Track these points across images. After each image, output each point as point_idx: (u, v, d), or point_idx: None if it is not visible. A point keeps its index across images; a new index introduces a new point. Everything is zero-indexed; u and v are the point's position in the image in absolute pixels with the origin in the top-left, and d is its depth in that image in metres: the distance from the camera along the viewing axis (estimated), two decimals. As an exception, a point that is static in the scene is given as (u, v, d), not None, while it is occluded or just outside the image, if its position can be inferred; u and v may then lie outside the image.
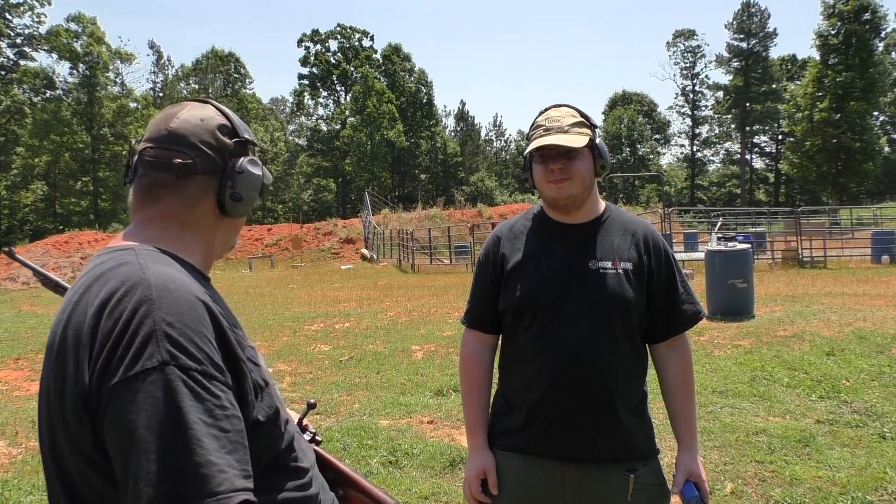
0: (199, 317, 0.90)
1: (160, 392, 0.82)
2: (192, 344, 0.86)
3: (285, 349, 8.03)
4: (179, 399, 0.82)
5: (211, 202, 1.07)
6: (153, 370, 0.83)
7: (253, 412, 0.95)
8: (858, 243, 19.87)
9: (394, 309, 11.17)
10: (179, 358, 0.84)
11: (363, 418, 5.03)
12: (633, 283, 1.63)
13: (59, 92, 48.47)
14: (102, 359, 0.85)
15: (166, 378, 0.82)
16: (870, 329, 7.14)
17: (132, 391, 0.82)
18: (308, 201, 59.77)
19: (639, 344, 1.67)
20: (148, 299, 0.88)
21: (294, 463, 1.05)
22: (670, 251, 1.73)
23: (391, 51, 61.69)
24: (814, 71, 43.70)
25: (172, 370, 0.83)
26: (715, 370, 5.86)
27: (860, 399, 4.87)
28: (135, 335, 0.85)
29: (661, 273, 1.68)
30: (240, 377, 0.93)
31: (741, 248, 9.35)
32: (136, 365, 0.83)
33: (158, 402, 0.81)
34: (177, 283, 0.92)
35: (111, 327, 0.87)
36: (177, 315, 0.87)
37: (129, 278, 0.91)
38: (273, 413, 0.99)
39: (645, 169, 60.10)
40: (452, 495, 3.57)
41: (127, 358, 0.84)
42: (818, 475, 3.60)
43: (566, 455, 1.60)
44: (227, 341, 0.93)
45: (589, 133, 1.64)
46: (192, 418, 0.81)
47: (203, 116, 1.07)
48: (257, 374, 0.99)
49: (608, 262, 1.63)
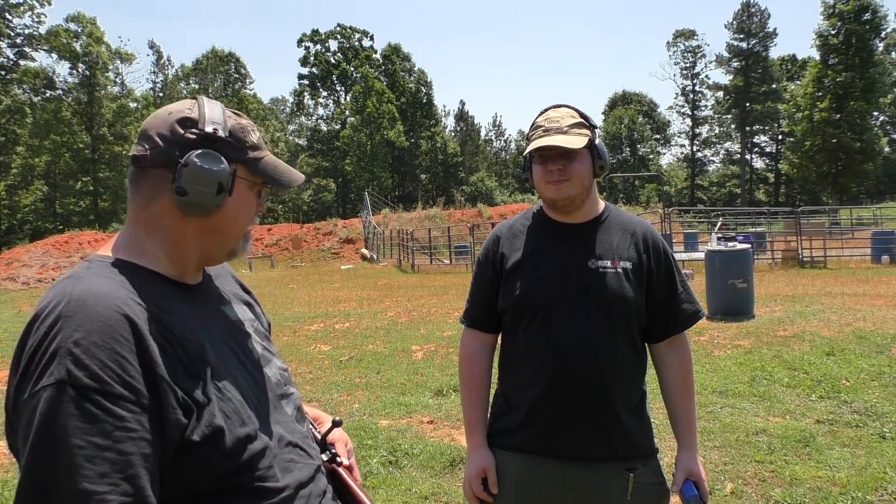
0: (114, 334, 0.86)
1: (49, 411, 0.80)
2: (97, 362, 0.83)
3: (285, 349, 8.03)
4: (65, 419, 0.80)
5: (167, 198, 1.01)
6: (48, 388, 0.81)
7: (186, 433, 0.90)
8: (858, 243, 19.87)
9: (394, 309, 11.17)
10: (77, 377, 0.81)
11: (363, 418, 5.03)
12: (632, 283, 1.63)
13: (59, 92, 48.48)
14: (19, 374, 0.86)
15: (58, 397, 0.80)
16: (870, 329, 7.14)
17: (29, 408, 0.82)
18: (308, 201, 59.75)
19: (638, 343, 1.67)
20: (63, 315, 0.86)
21: (259, 483, 0.97)
22: (670, 251, 1.73)
23: (391, 51, 61.70)
24: (814, 71, 43.71)
25: (67, 389, 0.81)
26: (715, 370, 5.86)
27: (860, 399, 4.87)
28: (45, 352, 0.84)
29: (661, 272, 1.68)
30: (160, 396, 0.88)
31: (741, 248, 9.35)
32: (39, 382, 0.82)
33: (44, 421, 0.80)
34: (97, 298, 0.89)
35: (32, 343, 0.86)
36: (85, 331, 0.85)
37: (59, 294, 0.90)
38: (212, 432, 0.92)
39: (645, 169, 60.11)
40: (452, 495, 3.57)
41: (34, 375, 0.83)
42: (818, 475, 3.60)
43: (566, 454, 1.60)
44: (150, 360, 0.88)
45: (588, 134, 1.64)
46: (76, 442, 0.79)
47: (173, 109, 1.03)
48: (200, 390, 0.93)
49: (607, 261, 1.64)
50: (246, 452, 0.96)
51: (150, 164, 0.99)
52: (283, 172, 1.11)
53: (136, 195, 1.02)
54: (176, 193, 0.99)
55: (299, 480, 1.05)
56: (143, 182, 1.01)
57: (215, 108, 1.05)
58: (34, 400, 0.81)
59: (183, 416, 0.90)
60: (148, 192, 1.01)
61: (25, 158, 46.62)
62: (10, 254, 28.39)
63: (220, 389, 0.97)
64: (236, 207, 1.06)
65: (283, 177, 1.11)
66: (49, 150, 46.36)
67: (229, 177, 1.02)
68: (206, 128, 1.01)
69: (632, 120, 61.96)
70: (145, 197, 1.01)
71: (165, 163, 0.99)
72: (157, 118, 1.02)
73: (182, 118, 1.01)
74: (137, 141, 1.02)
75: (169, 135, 1.00)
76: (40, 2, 46.60)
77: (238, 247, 1.11)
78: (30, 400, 0.82)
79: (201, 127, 1.01)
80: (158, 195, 1.01)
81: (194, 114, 1.02)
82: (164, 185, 1.00)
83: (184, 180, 0.98)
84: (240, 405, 0.99)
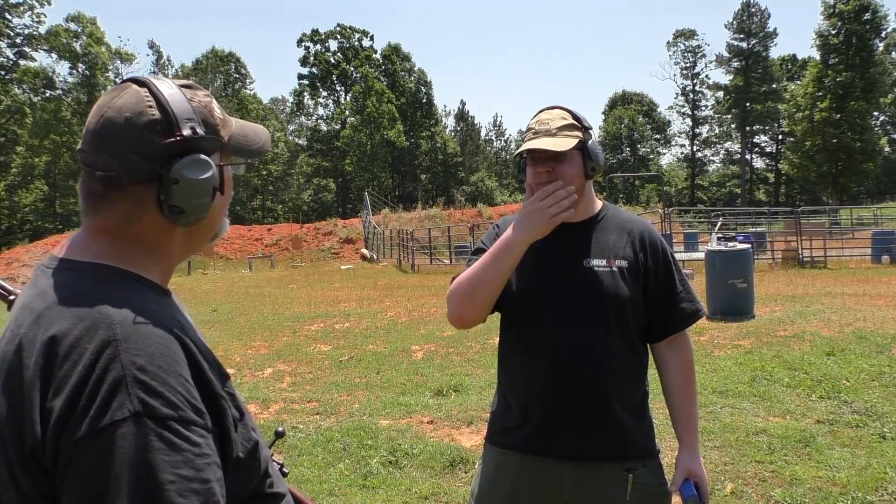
0: (173, 355, 0.80)
1: (132, 448, 0.72)
2: (168, 388, 0.77)
3: (285, 349, 8.03)
4: (152, 455, 0.73)
5: (154, 214, 0.90)
6: (123, 422, 0.73)
7: (234, 450, 0.87)
8: (858, 243, 19.85)
9: (394, 309, 11.17)
10: (153, 407, 0.75)
11: (363, 418, 5.02)
12: (627, 281, 1.63)
13: (58, 92, 48.51)
14: (60, 409, 0.74)
15: (139, 431, 0.73)
16: (870, 329, 7.14)
17: (100, 447, 0.73)
18: (308, 201, 59.77)
19: (636, 342, 1.67)
20: (113, 340, 0.77)
21: (270, 489, 0.97)
22: (668, 250, 1.72)
23: (391, 51, 61.71)
24: (814, 71, 43.74)
25: (145, 422, 0.74)
26: (715, 370, 5.86)
27: (860, 399, 4.87)
28: (100, 382, 0.75)
29: (658, 271, 1.68)
30: (220, 415, 0.84)
31: (741, 248, 9.36)
32: (103, 417, 0.73)
33: (130, 460, 0.72)
34: (145, 318, 0.82)
35: (68, 372, 0.76)
36: (148, 356, 0.78)
37: (88, 313, 0.80)
38: (252, 446, 0.92)
39: (645, 169, 60.10)
40: (452, 495, 3.57)
41: (93, 409, 0.74)
42: (818, 475, 3.60)
43: (564, 453, 1.60)
44: (204, 378, 0.84)
45: (579, 135, 1.63)
46: (167, 477, 0.73)
47: (131, 113, 0.87)
48: (234, 405, 0.90)
49: (602, 259, 1.64)
50: (265, 461, 0.96)
51: (128, 184, 0.87)
52: (252, 139, 1.02)
53: (109, 211, 0.89)
54: (170, 213, 0.89)
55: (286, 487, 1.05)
56: (119, 200, 0.88)
57: (174, 92, 0.91)
58: (102, 439, 0.72)
59: (234, 433, 0.87)
60: (127, 210, 0.89)
61: (25, 158, 46.66)
62: (10, 254, 28.44)
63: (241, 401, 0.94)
64: (224, 196, 0.98)
65: (254, 144, 1.02)
66: (49, 150, 46.40)
67: (218, 175, 0.93)
68: (184, 130, 0.88)
69: (632, 120, 61.95)
70: (124, 215, 0.89)
71: (146, 179, 0.88)
72: (114, 125, 0.87)
73: (149, 122, 0.87)
74: (93, 153, 0.88)
75: (143, 147, 0.86)
76: (40, 2, 46.68)
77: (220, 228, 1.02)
78: (93, 439, 0.73)
79: (178, 131, 0.88)
80: (142, 212, 0.89)
81: (158, 112, 0.88)
82: (146, 201, 0.89)
83: (177, 199, 0.88)
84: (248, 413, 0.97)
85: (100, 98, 0.92)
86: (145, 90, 0.90)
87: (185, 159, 0.88)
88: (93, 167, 0.88)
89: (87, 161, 0.88)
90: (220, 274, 26.62)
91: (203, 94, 0.96)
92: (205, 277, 24.34)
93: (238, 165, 1.03)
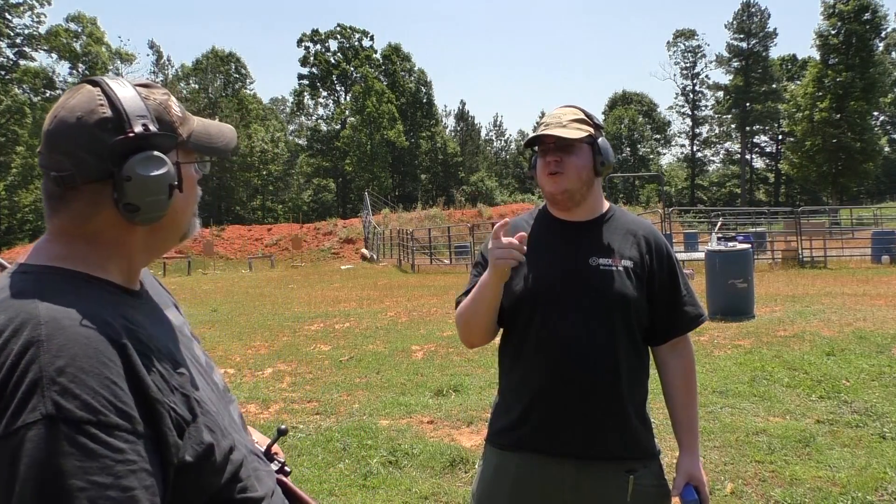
0: (101, 357, 0.77)
1: (39, 452, 0.70)
2: (89, 391, 0.74)
3: (285, 349, 8.03)
4: (62, 461, 0.70)
5: (111, 212, 0.89)
6: (34, 425, 0.71)
7: (179, 454, 0.83)
8: (858, 243, 19.86)
9: (394, 309, 11.17)
10: (68, 409, 0.72)
11: (363, 418, 5.02)
12: (633, 282, 1.63)
13: (58, 92, 48.43)
14: None
15: (49, 435, 0.71)
16: (870, 329, 7.14)
17: (10, 449, 0.71)
18: (308, 201, 59.75)
19: (639, 343, 1.67)
20: (36, 340, 0.75)
21: (241, 494, 0.93)
22: (672, 253, 1.74)
23: (391, 51, 61.71)
24: (814, 71, 43.74)
25: (58, 425, 0.71)
26: (715, 370, 5.86)
27: (860, 399, 4.87)
28: (19, 384, 0.73)
29: (663, 274, 1.69)
30: (156, 420, 0.81)
31: (741, 248, 9.36)
32: (17, 419, 0.71)
33: (37, 464, 0.70)
34: (73, 318, 0.79)
35: None
36: (69, 357, 0.75)
37: (18, 313, 0.79)
38: (204, 449, 0.87)
39: (645, 169, 60.12)
40: (452, 495, 3.57)
41: (9, 411, 0.72)
42: (818, 475, 3.60)
43: (564, 450, 1.60)
44: (140, 382, 0.80)
45: (589, 130, 1.65)
46: (77, 483, 0.70)
47: (82, 112, 0.87)
48: (185, 406, 0.86)
49: (608, 259, 1.64)
50: (230, 465, 0.92)
51: (81, 182, 0.87)
52: (216, 137, 1.01)
53: (65, 211, 0.89)
54: (125, 211, 0.88)
55: (270, 489, 1.02)
56: (74, 200, 0.88)
57: (127, 91, 0.90)
58: (14, 441, 0.71)
59: (178, 437, 0.84)
60: (82, 209, 0.88)
61: (25, 158, 46.61)
62: (10, 254, 28.41)
63: (199, 402, 0.90)
64: (185, 195, 0.96)
65: (217, 143, 1.01)
66: (49, 150, 46.38)
67: (175, 172, 0.92)
68: (136, 128, 0.88)
69: (632, 120, 61.96)
70: (79, 214, 0.89)
71: (99, 178, 0.87)
72: (66, 125, 0.87)
73: (100, 120, 0.87)
74: (48, 154, 0.88)
75: (94, 146, 0.86)
76: (40, 2, 46.64)
77: (188, 228, 1.01)
78: (5, 441, 0.71)
79: (129, 129, 0.87)
80: (97, 210, 0.89)
81: (109, 111, 0.88)
82: (102, 199, 0.88)
83: (131, 196, 0.87)
84: (216, 416, 0.93)
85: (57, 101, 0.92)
86: (98, 90, 0.90)
87: (137, 156, 0.87)
88: (48, 168, 0.88)
89: (43, 163, 0.89)
90: (220, 274, 26.62)
91: (161, 93, 0.96)
92: (205, 277, 24.34)
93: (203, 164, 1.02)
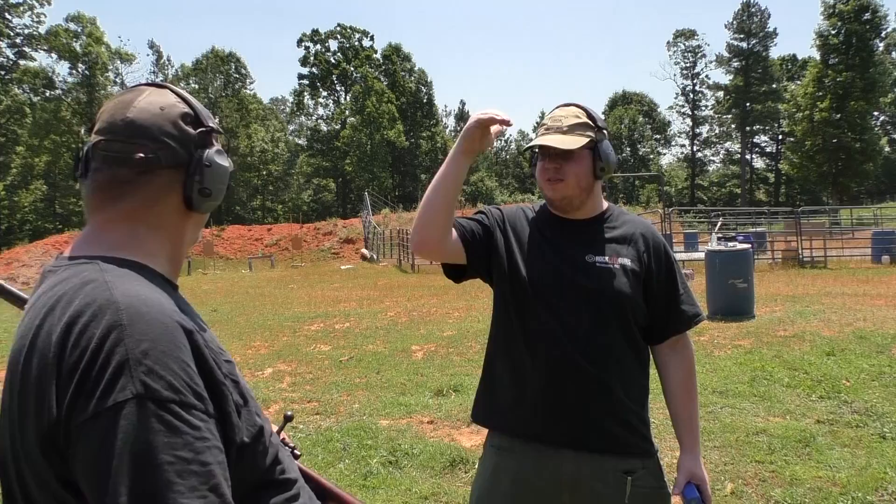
0: (176, 341, 0.83)
1: (133, 429, 0.75)
2: (170, 372, 0.79)
3: (285, 349, 8.03)
4: (153, 437, 0.75)
5: (177, 198, 0.98)
6: (125, 403, 0.76)
7: (239, 434, 0.89)
8: (858, 243, 19.85)
9: (394, 309, 11.17)
10: (155, 389, 0.77)
11: (363, 418, 5.02)
12: (629, 279, 1.64)
13: (58, 92, 48.50)
14: (71, 392, 0.78)
15: (140, 412, 0.76)
16: (870, 329, 7.14)
17: (103, 427, 0.75)
18: (308, 201, 59.74)
19: (637, 341, 1.67)
20: (118, 325, 0.80)
21: (281, 476, 0.99)
22: (671, 252, 1.74)
23: (391, 51, 61.68)
24: (814, 71, 43.70)
25: (147, 404, 0.76)
26: (715, 370, 5.86)
27: (860, 399, 4.87)
28: (105, 365, 0.77)
29: (661, 272, 1.69)
30: (221, 401, 0.86)
31: (741, 248, 9.36)
32: (107, 398, 0.76)
33: (131, 440, 0.74)
34: (149, 305, 0.84)
35: (78, 357, 0.79)
36: (151, 341, 0.80)
37: (94, 300, 0.83)
38: (256, 431, 0.93)
39: (645, 169, 60.11)
40: (452, 495, 3.57)
41: (98, 391, 0.76)
42: (818, 475, 3.60)
43: (561, 441, 1.60)
44: (206, 364, 0.86)
45: (591, 135, 1.64)
46: (166, 458, 0.75)
47: (163, 104, 0.97)
48: (237, 391, 0.92)
49: (606, 257, 1.65)
50: (271, 448, 0.98)
51: (162, 166, 0.96)
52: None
53: (134, 195, 0.95)
54: (199, 194, 0.98)
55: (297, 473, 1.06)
56: (147, 183, 0.95)
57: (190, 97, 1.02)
58: (106, 419, 0.75)
59: (237, 418, 0.89)
60: (153, 193, 0.96)
61: (25, 158, 46.65)
62: (10, 254, 28.43)
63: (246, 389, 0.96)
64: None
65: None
66: (49, 150, 46.39)
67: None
68: (208, 123, 1.01)
69: (632, 120, 61.93)
70: (150, 198, 0.96)
71: (178, 163, 0.97)
72: (150, 113, 0.96)
73: (182, 114, 0.98)
74: (129, 141, 0.94)
75: (178, 134, 0.97)
76: (40, 2, 46.64)
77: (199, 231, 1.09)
78: (97, 419, 0.75)
79: (204, 123, 1.00)
80: (166, 195, 0.97)
81: (187, 108, 1.00)
82: (174, 185, 0.97)
83: (208, 181, 0.98)
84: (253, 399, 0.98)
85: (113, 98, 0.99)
86: (167, 90, 1.00)
87: (212, 147, 1.00)
88: (123, 153, 0.94)
89: (115, 149, 0.94)
90: (220, 274, 26.62)
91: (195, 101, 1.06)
92: (205, 277, 24.33)
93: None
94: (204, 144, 0.99)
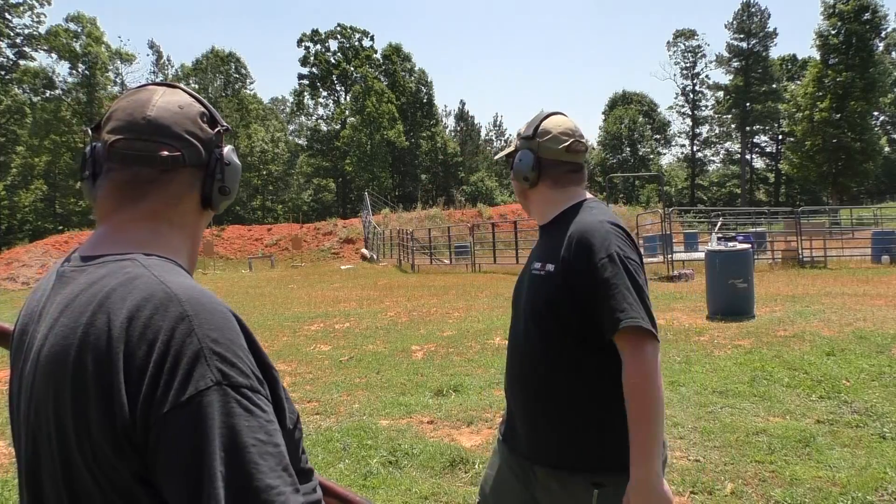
0: (236, 329, 0.85)
1: (218, 414, 0.77)
2: (238, 359, 0.82)
3: (285, 349, 8.03)
4: (235, 420, 0.78)
5: (193, 196, 1.00)
6: (207, 391, 0.78)
7: (287, 419, 0.92)
8: (858, 243, 19.84)
9: (394, 309, 11.17)
10: (231, 376, 0.80)
11: (363, 418, 5.02)
12: (555, 285, 1.58)
13: (58, 92, 48.49)
14: (146, 387, 0.78)
15: (222, 398, 0.78)
16: (870, 329, 7.14)
17: (187, 417, 0.77)
18: (308, 201, 59.73)
19: (587, 347, 1.56)
20: (185, 315, 0.81)
21: (305, 465, 1.00)
22: (606, 251, 1.52)
23: (391, 51, 61.66)
24: (814, 71, 43.69)
25: (226, 390, 0.79)
26: (715, 370, 5.86)
27: (860, 399, 4.87)
28: (179, 357, 0.79)
29: (582, 275, 1.54)
30: (273, 385, 0.89)
31: (741, 248, 9.36)
32: (187, 388, 0.77)
33: (218, 425, 0.77)
34: (206, 295, 0.86)
35: (147, 350, 0.79)
36: (218, 330, 0.82)
37: (152, 293, 0.83)
38: (296, 418, 0.97)
39: (645, 169, 60.06)
40: (452, 495, 3.57)
41: (176, 382, 0.78)
42: (818, 475, 3.60)
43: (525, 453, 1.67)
44: (258, 350, 0.88)
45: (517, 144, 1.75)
46: (248, 440, 0.78)
47: (181, 103, 0.99)
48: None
49: (539, 263, 1.67)
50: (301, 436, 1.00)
51: (186, 164, 0.97)
52: None
53: (158, 194, 0.96)
54: (219, 193, 1.01)
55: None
56: (169, 182, 0.96)
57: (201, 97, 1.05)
58: (190, 408, 0.77)
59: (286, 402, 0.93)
60: (176, 191, 0.97)
61: (25, 158, 46.63)
62: (10, 254, 28.40)
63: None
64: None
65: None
66: (49, 150, 46.37)
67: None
68: (223, 123, 1.04)
69: (632, 120, 61.88)
70: (173, 195, 0.97)
71: (199, 162, 0.99)
72: (171, 112, 0.97)
73: (199, 113, 1.00)
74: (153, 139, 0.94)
75: (200, 133, 0.99)
76: (40, 2, 46.62)
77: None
78: (182, 409, 0.77)
79: (220, 122, 1.03)
80: (187, 193, 0.99)
81: (202, 107, 1.02)
82: (194, 184, 0.99)
83: (228, 179, 1.01)
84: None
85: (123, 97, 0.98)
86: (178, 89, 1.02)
87: (227, 147, 1.03)
88: (147, 152, 0.94)
89: (138, 147, 0.94)
90: (220, 274, 26.62)
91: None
92: (205, 277, 24.32)
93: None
94: (219, 144, 1.02)
